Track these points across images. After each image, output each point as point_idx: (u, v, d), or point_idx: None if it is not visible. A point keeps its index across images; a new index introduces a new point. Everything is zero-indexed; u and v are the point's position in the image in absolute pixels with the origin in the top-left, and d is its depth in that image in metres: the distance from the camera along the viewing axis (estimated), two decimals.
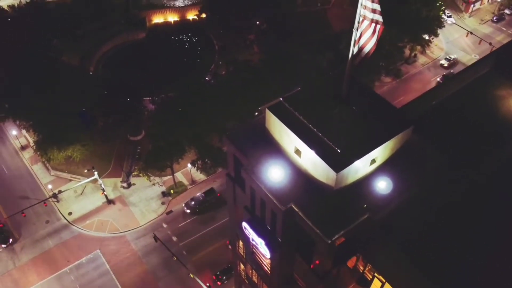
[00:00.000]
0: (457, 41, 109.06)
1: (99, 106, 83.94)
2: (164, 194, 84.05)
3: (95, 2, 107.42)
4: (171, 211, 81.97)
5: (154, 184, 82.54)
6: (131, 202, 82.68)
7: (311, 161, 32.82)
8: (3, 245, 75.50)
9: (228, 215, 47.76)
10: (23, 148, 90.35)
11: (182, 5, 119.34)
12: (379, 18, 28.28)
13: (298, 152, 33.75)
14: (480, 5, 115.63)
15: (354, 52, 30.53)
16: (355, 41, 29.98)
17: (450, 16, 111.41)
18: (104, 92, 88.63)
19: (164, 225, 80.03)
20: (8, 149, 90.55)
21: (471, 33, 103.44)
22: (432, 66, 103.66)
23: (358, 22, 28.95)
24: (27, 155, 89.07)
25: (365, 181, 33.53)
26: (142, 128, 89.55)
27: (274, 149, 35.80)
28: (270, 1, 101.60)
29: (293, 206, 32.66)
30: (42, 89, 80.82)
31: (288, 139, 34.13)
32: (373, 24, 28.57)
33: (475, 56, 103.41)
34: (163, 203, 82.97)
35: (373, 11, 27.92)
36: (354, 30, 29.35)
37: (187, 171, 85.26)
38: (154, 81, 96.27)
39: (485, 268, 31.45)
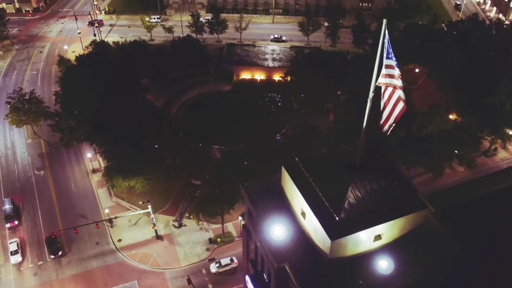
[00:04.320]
0: None
1: (171, 146, 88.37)
2: (211, 241, 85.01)
3: (190, 51, 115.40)
4: (213, 259, 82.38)
5: (201, 229, 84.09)
6: (178, 242, 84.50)
7: (312, 225, 32.42)
8: (52, 256, 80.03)
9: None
10: (94, 171, 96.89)
11: (271, 66, 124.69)
12: (402, 94, 28.31)
13: (303, 213, 33.52)
14: None
15: (382, 119, 30.53)
16: (378, 110, 30.05)
17: None
18: (179, 134, 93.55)
19: (204, 271, 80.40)
20: (82, 169, 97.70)
21: None
22: None
23: (373, 92, 29.11)
24: (96, 178, 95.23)
25: (367, 256, 32.26)
26: (205, 173, 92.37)
27: (285, 206, 35.88)
28: (354, 75, 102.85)
29: (286, 267, 32.16)
30: (123, 121, 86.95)
31: (296, 199, 34.11)
32: (395, 96, 28.57)
33: None
34: (207, 249, 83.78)
35: (392, 78, 27.98)
36: (368, 100, 29.46)
37: (238, 223, 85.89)
38: (228, 132, 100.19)
39: None
